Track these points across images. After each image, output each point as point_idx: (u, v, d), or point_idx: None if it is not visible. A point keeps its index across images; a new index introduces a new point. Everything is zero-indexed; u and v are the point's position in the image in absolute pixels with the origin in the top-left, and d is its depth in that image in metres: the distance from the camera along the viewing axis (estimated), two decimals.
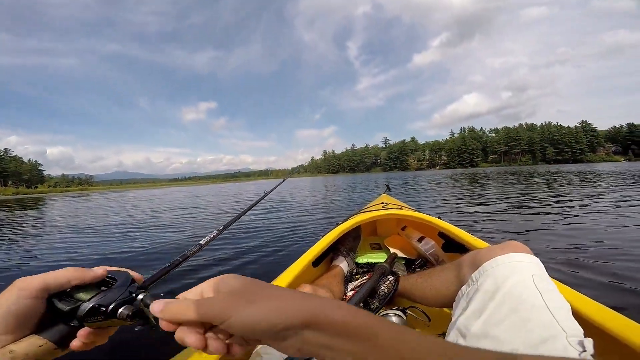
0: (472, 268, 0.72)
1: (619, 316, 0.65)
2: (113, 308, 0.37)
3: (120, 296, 0.38)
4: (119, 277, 0.41)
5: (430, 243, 1.44)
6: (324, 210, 6.50)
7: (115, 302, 0.37)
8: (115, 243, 4.27)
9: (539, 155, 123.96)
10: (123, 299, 0.38)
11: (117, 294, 0.38)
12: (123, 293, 0.38)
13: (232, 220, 1.13)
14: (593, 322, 0.66)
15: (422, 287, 0.96)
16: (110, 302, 0.37)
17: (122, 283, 0.40)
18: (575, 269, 2.20)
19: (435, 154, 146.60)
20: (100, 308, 0.36)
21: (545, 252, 2.63)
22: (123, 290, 0.39)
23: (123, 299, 0.38)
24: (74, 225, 6.68)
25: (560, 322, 0.52)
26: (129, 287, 0.40)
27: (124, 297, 0.38)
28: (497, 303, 0.59)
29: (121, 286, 0.39)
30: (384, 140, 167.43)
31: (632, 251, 2.52)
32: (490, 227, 3.87)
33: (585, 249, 2.63)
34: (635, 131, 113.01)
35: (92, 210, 11.27)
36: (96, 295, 0.38)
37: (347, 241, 1.57)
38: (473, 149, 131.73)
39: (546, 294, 0.57)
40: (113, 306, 0.37)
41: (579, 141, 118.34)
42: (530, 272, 0.61)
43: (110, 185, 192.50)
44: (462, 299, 0.69)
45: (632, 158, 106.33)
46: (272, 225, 4.71)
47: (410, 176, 34.33)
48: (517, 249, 0.68)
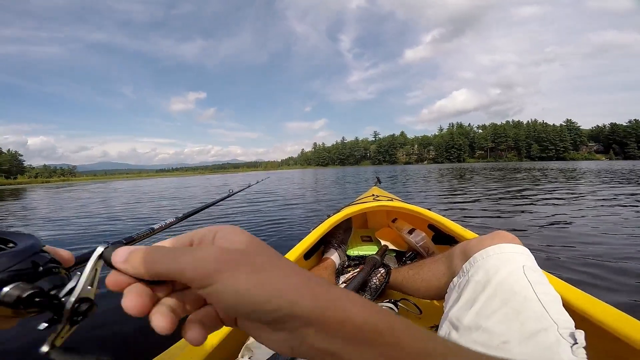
0: (462, 259, 0.72)
1: (608, 307, 0.67)
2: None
3: (13, 266, 0.22)
4: (20, 240, 0.25)
5: (421, 235, 1.45)
6: (314, 203, 6.49)
7: (2, 272, 0.21)
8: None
9: (524, 152, 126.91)
10: (16, 271, 0.22)
11: (7, 261, 0.22)
12: (20, 263, 0.22)
13: (193, 211, 1.09)
14: (583, 314, 0.67)
15: (414, 279, 0.96)
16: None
17: (21, 249, 0.24)
18: (563, 260, 2.26)
19: (423, 149, 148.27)
20: None
21: (532, 242, 2.68)
22: (21, 258, 0.23)
23: (16, 271, 0.22)
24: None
25: (551, 314, 0.52)
26: (33, 256, 0.24)
27: (20, 268, 0.22)
28: (488, 295, 0.59)
29: (19, 253, 0.23)
30: (373, 134, 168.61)
31: (613, 242, 2.61)
32: (478, 219, 3.95)
33: (569, 241, 2.70)
34: (617, 131, 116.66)
35: (58, 201, 10.99)
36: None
37: (338, 233, 1.57)
38: (461, 145, 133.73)
39: (537, 285, 0.57)
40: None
41: (563, 139, 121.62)
42: (520, 263, 0.62)
43: (95, 176, 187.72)
44: (453, 290, 0.70)
45: (612, 157, 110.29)
46: (262, 218, 4.68)
47: (399, 170, 34.62)
48: (506, 239, 0.68)
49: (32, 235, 0.26)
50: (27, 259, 0.23)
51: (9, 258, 0.22)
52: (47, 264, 0.24)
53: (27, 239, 0.25)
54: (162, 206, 7.63)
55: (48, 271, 0.24)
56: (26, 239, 0.25)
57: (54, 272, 0.24)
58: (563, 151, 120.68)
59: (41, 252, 0.25)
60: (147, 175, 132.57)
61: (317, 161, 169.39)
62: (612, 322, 0.62)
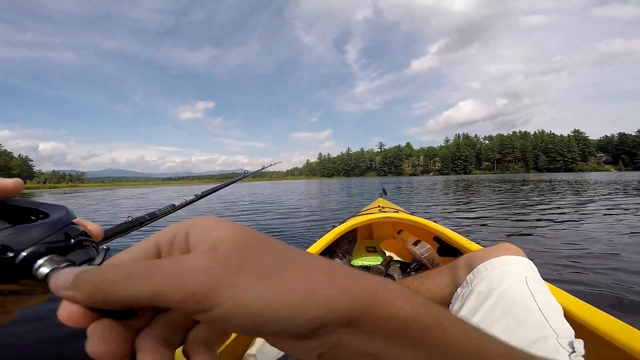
0: (467, 270, 0.74)
1: (610, 318, 0.67)
2: (29, 256, 0.19)
3: (46, 237, 0.20)
4: (52, 211, 0.24)
5: (426, 247, 1.46)
6: (320, 213, 6.51)
7: (37, 244, 0.20)
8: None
9: (532, 164, 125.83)
10: (49, 242, 0.20)
11: (42, 232, 0.21)
12: (53, 234, 0.21)
13: (211, 190, 1.19)
14: (584, 324, 0.68)
15: (418, 289, 0.97)
16: (27, 244, 0.19)
17: (54, 220, 0.22)
18: (567, 271, 2.25)
19: (429, 160, 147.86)
20: (4, 252, 0.19)
21: (538, 255, 2.68)
22: (54, 230, 0.21)
23: (49, 242, 0.20)
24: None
25: (551, 324, 0.54)
26: (65, 227, 0.22)
27: (53, 240, 0.21)
28: (491, 304, 0.61)
29: (52, 224, 0.22)
30: (379, 145, 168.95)
31: (622, 256, 2.57)
32: (484, 232, 3.92)
33: (577, 253, 2.68)
34: (626, 141, 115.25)
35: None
36: (1, 230, 0.20)
37: (343, 244, 1.59)
38: (467, 156, 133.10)
39: (539, 296, 0.59)
40: (30, 251, 0.19)
41: (571, 150, 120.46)
42: (523, 274, 0.64)
43: (103, 183, 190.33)
44: (457, 300, 0.71)
45: (622, 168, 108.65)
46: (267, 228, 4.70)
47: (404, 181, 34.49)
48: (510, 251, 0.70)
49: (64, 207, 0.25)
50: (60, 231, 0.22)
51: (43, 229, 0.21)
52: (78, 237, 0.23)
53: (60, 209, 0.24)
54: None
55: (79, 244, 0.22)
56: (59, 210, 0.24)
57: (85, 245, 0.23)
58: (571, 162, 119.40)
59: (72, 224, 0.24)
60: (153, 184, 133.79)
61: (322, 172, 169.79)
62: (612, 331, 0.63)
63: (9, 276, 0.19)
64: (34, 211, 0.24)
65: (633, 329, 0.62)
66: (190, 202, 0.90)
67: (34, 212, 0.24)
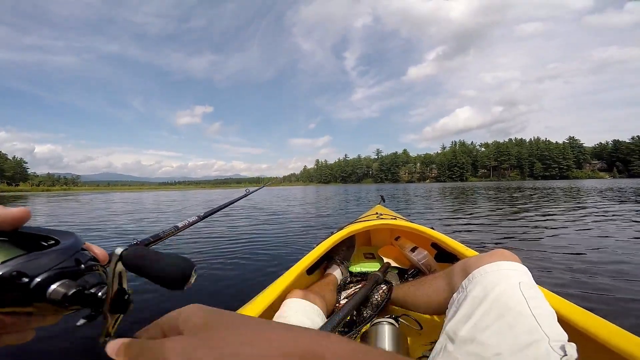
0: (462, 276, 0.75)
1: (604, 322, 0.68)
2: (43, 281, 0.21)
3: (59, 264, 0.23)
4: (62, 238, 0.26)
5: (423, 253, 1.47)
6: (318, 220, 6.50)
7: (49, 271, 0.22)
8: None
9: (527, 171, 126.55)
10: (61, 268, 0.23)
11: (54, 259, 0.23)
12: (65, 261, 0.23)
13: (212, 210, 1.17)
14: (579, 328, 0.69)
15: (415, 295, 0.99)
16: (40, 270, 0.22)
17: (65, 247, 0.24)
18: (561, 276, 2.27)
19: (426, 167, 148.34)
20: (20, 279, 0.21)
21: (532, 261, 2.71)
22: (65, 256, 0.24)
23: (61, 268, 0.23)
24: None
25: (543, 328, 0.55)
26: (76, 254, 0.25)
27: (65, 265, 0.23)
28: (484, 309, 0.62)
29: (63, 251, 0.24)
30: (376, 152, 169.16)
31: (617, 261, 2.60)
32: (480, 238, 3.94)
33: (572, 259, 2.70)
34: (620, 148, 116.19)
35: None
36: (17, 257, 0.22)
37: (342, 250, 1.60)
38: (463, 163, 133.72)
39: (532, 300, 0.60)
40: (44, 277, 0.21)
41: (566, 157, 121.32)
42: (517, 279, 0.65)
43: (97, 187, 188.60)
44: (452, 305, 0.73)
45: (616, 175, 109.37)
46: (266, 234, 4.69)
47: (401, 188, 34.57)
48: (505, 257, 0.72)
49: (73, 233, 0.27)
50: (71, 257, 0.24)
51: (55, 255, 0.23)
52: (87, 262, 0.25)
53: (69, 236, 0.26)
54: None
55: (89, 268, 0.25)
56: (68, 237, 0.26)
57: (94, 269, 0.25)
58: (566, 169, 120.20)
59: (82, 250, 0.26)
60: (148, 188, 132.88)
61: (319, 178, 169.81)
62: (606, 335, 0.64)
63: (23, 299, 0.21)
64: (44, 238, 0.25)
65: (627, 333, 0.63)
66: (192, 224, 0.93)
67: (45, 238, 0.25)
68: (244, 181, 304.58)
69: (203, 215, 1.04)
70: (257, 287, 1.30)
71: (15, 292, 0.21)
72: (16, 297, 0.21)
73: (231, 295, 2.13)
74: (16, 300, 0.21)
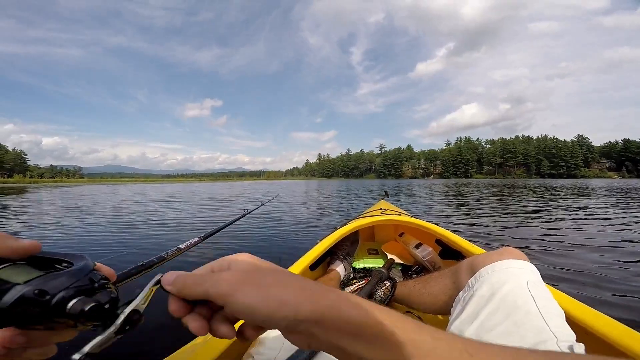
0: (469, 274, 0.74)
1: (612, 321, 0.67)
2: (62, 298, 0.24)
3: (75, 282, 0.26)
4: (75, 260, 0.29)
5: (428, 250, 1.46)
6: (322, 215, 6.50)
7: (67, 289, 0.25)
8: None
9: (534, 169, 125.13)
10: (79, 287, 0.26)
11: (71, 279, 0.26)
12: (80, 280, 0.26)
13: (214, 230, 1.22)
14: (587, 328, 0.68)
15: (419, 293, 0.98)
16: (59, 288, 0.24)
17: (79, 268, 0.28)
18: (570, 275, 2.25)
19: (430, 163, 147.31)
20: (42, 296, 0.23)
21: (541, 259, 2.68)
22: (80, 276, 0.27)
23: (79, 287, 0.26)
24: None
25: (551, 328, 0.54)
26: (89, 274, 0.28)
27: (81, 284, 0.26)
28: (491, 308, 0.61)
29: (78, 271, 0.27)
30: (379, 147, 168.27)
31: (628, 262, 2.57)
32: (486, 236, 3.91)
33: (581, 258, 2.68)
34: (630, 147, 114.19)
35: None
36: (37, 278, 0.25)
37: (345, 246, 1.59)
38: (468, 160, 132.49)
39: (540, 300, 0.59)
40: (63, 295, 0.24)
41: (574, 156, 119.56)
42: (525, 278, 0.64)
43: (101, 179, 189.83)
44: (458, 304, 0.71)
45: (625, 175, 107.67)
46: (269, 229, 4.70)
47: (404, 184, 34.41)
48: (513, 255, 0.70)
49: (83, 256, 0.30)
50: (85, 277, 0.27)
51: (70, 276, 0.26)
52: (100, 281, 0.28)
53: (81, 258, 0.29)
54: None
55: (101, 286, 0.28)
56: (80, 259, 0.29)
57: (106, 287, 0.28)
58: (574, 168, 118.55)
59: (93, 270, 0.29)
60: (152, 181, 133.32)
61: (322, 172, 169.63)
62: (615, 335, 0.63)
63: (46, 315, 0.24)
64: (59, 261, 0.29)
65: (637, 333, 0.62)
66: (194, 245, 0.99)
67: (59, 261, 0.29)
68: (246, 175, 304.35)
69: (204, 236, 1.08)
70: None
71: (39, 308, 0.23)
72: (40, 313, 0.24)
73: None
74: (40, 316, 0.24)
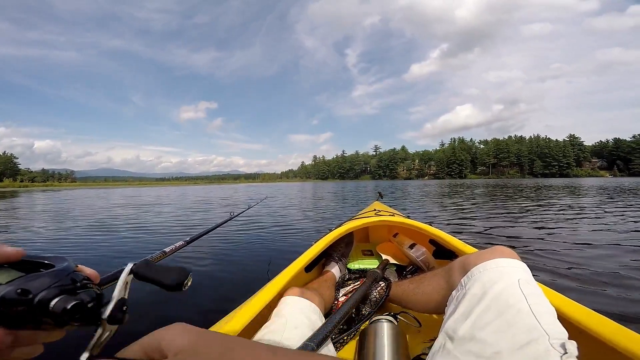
0: (461, 273, 0.75)
1: (604, 319, 0.68)
2: (44, 297, 0.25)
3: (56, 282, 0.26)
4: (57, 262, 0.30)
5: (422, 250, 1.47)
6: (316, 217, 6.50)
7: (49, 289, 0.25)
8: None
9: (527, 168, 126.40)
10: (61, 286, 0.26)
11: (53, 279, 0.27)
12: (61, 280, 0.27)
13: (199, 234, 1.20)
14: (579, 326, 0.68)
15: (414, 292, 0.98)
16: (41, 288, 0.25)
17: (61, 269, 0.28)
18: (562, 273, 2.27)
19: (424, 164, 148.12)
20: (25, 295, 0.24)
21: (532, 258, 2.71)
22: (62, 276, 0.27)
23: (61, 286, 0.26)
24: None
25: (543, 325, 0.54)
26: (71, 274, 0.28)
27: (63, 283, 0.27)
28: (483, 307, 0.62)
29: (60, 272, 0.28)
30: (374, 148, 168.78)
31: (618, 258, 2.61)
32: (479, 235, 3.94)
33: (572, 255, 2.72)
34: (621, 146, 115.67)
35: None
36: (19, 278, 0.26)
37: (340, 247, 1.59)
38: (462, 160, 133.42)
39: (531, 298, 0.60)
40: (45, 294, 0.25)
41: (566, 155, 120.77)
42: (516, 276, 0.64)
43: (94, 182, 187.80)
44: (451, 303, 0.72)
45: (616, 173, 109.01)
46: (263, 231, 4.69)
47: (399, 185, 34.57)
48: (504, 254, 0.71)
49: (64, 257, 0.31)
50: (66, 277, 0.28)
51: (53, 276, 0.27)
52: (82, 281, 0.29)
53: (62, 260, 0.30)
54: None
55: (84, 286, 0.29)
56: (61, 260, 0.30)
57: (88, 287, 0.29)
58: (566, 167, 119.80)
59: (75, 271, 0.30)
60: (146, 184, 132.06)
61: (317, 174, 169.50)
62: (607, 333, 0.63)
63: (29, 313, 0.24)
64: (40, 263, 0.29)
65: (628, 331, 0.63)
66: (179, 248, 0.99)
67: (41, 264, 0.29)
68: (240, 177, 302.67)
69: (189, 239, 1.08)
70: (255, 285, 1.29)
71: (22, 306, 0.24)
72: (23, 311, 0.24)
73: (229, 293, 2.13)
74: (23, 315, 0.24)
